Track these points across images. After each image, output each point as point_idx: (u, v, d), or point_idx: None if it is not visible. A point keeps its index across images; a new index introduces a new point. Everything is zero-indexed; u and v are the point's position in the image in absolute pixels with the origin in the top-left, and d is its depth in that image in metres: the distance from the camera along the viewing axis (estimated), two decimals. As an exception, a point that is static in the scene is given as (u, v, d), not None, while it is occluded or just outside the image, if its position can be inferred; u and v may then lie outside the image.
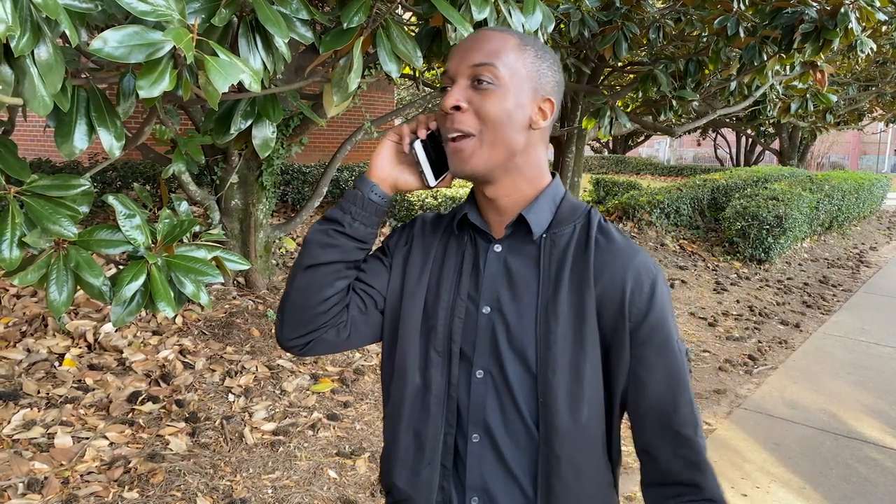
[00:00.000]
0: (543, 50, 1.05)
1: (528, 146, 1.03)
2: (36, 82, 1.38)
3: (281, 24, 1.57)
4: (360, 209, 1.09)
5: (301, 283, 1.10)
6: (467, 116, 1.00)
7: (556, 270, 1.03)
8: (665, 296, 1.03)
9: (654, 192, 9.08)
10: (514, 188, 1.05)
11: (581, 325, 1.00)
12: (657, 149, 30.62)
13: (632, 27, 4.59)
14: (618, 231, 1.07)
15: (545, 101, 1.03)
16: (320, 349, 1.15)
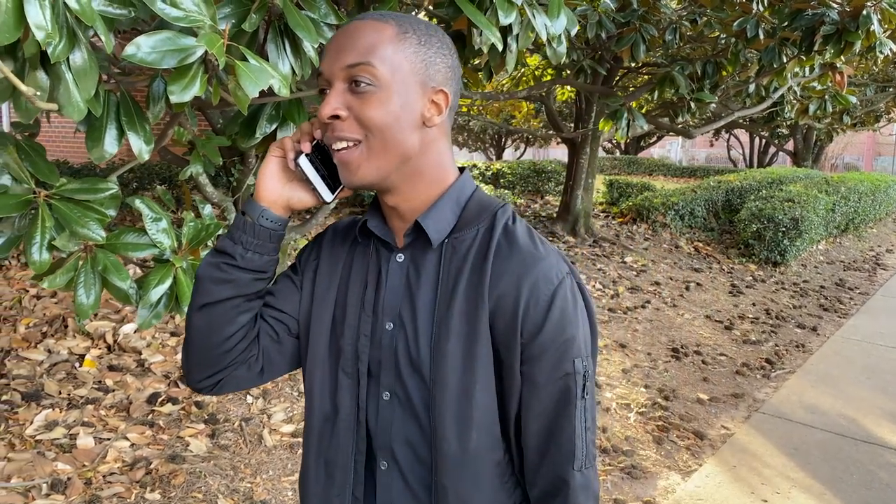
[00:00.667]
0: (428, 33, 0.93)
1: (425, 145, 0.93)
2: (71, 88, 1.39)
3: (310, 29, 1.58)
4: (251, 237, 0.98)
5: (198, 323, 1.00)
6: (348, 124, 0.89)
7: (454, 280, 0.93)
8: (569, 309, 0.91)
9: (669, 194, 9.04)
10: (415, 192, 0.96)
11: (473, 341, 0.91)
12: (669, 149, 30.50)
13: (649, 29, 4.57)
14: (528, 233, 0.96)
15: (437, 92, 0.92)
16: (233, 387, 1.06)
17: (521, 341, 0.90)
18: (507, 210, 0.98)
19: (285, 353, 1.07)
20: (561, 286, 0.91)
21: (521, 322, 0.89)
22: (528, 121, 12.75)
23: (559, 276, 0.91)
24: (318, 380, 1.02)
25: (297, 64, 1.68)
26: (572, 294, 0.92)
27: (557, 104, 13.06)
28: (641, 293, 6.23)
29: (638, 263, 7.15)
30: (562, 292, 0.90)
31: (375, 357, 0.98)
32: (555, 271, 0.91)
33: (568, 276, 0.92)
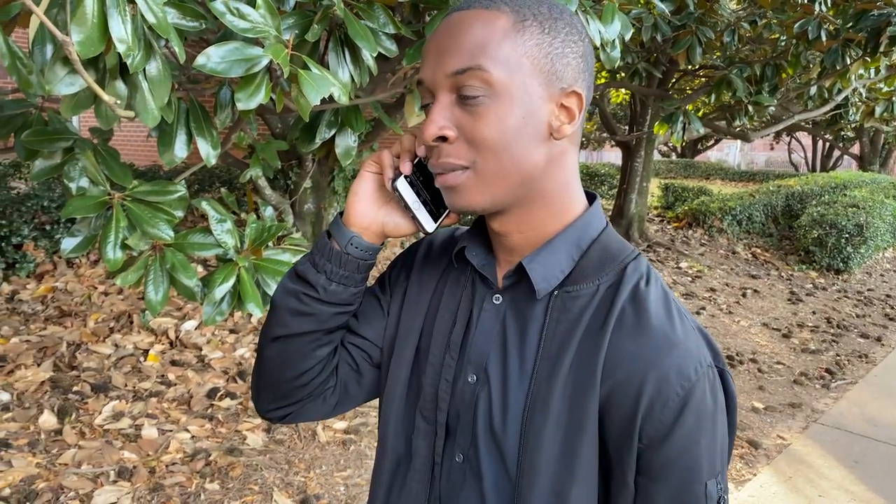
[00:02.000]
0: (553, 17, 0.73)
1: (551, 162, 0.75)
2: (146, 96, 1.48)
3: (370, 39, 1.63)
4: (337, 267, 0.83)
5: (271, 354, 0.89)
6: (457, 147, 0.73)
7: (559, 348, 0.74)
8: (707, 415, 0.71)
9: (726, 198, 8.85)
10: (531, 222, 0.77)
11: (576, 433, 0.72)
12: (727, 153, 29.78)
13: (706, 31, 4.51)
14: (664, 302, 0.74)
15: (569, 94, 0.73)
16: (303, 418, 0.95)
17: (640, 446, 0.71)
18: (640, 264, 0.77)
19: (364, 384, 0.94)
20: (699, 384, 0.70)
21: (640, 423, 0.70)
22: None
23: (699, 370, 0.70)
24: (394, 418, 0.87)
25: (356, 72, 1.74)
26: (712, 393, 0.71)
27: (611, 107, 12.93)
28: (696, 299, 6.13)
29: (693, 269, 7.03)
30: (699, 392, 0.70)
31: (455, 409, 0.81)
32: (693, 363, 0.70)
33: (711, 369, 0.72)
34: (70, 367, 3.37)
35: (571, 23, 0.75)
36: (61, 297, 3.99)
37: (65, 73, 1.41)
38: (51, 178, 1.93)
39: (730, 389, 0.76)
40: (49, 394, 3.12)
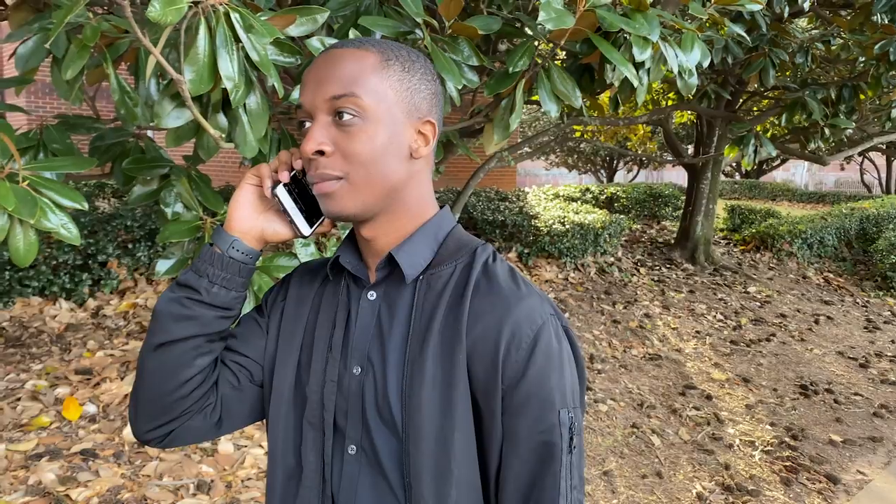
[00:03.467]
0: (411, 59, 0.88)
1: (411, 178, 0.88)
2: (246, 128, 1.55)
3: (455, 72, 1.68)
4: (219, 270, 0.89)
5: (152, 364, 0.90)
6: (333, 160, 0.84)
7: (428, 320, 0.85)
8: (554, 353, 0.82)
9: (795, 221, 8.59)
10: (394, 226, 0.89)
11: (449, 387, 0.82)
12: (793, 173, 28.87)
13: (779, 53, 4.42)
14: (510, 273, 0.88)
15: (424, 123, 0.88)
16: (185, 438, 0.95)
17: (503, 387, 0.81)
18: (487, 248, 0.92)
19: (247, 401, 0.98)
20: (545, 327, 0.82)
21: (501, 366, 0.81)
22: (644, 144, 12.51)
23: (542, 317, 0.83)
24: (282, 432, 0.92)
25: (439, 102, 1.79)
26: (557, 337, 0.84)
27: (675, 126, 12.74)
28: (766, 325, 5.95)
29: (762, 294, 6.83)
30: (546, 334, 0.82)
31: (342, 406, 0.88)
32: (538, 311, 0.83)
33: (552, 317, 0.85)
34: (150, 381, 3.51)
35: (426, 65, 0.90)
36: (142, 313, 4.16)
37: (172, 108, 1.50)
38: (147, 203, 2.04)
39: (574, 343, 0.88)
40: (131, 406, 3.26)
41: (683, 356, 5.09)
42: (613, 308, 5.88)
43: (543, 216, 6.76)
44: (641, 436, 3.77)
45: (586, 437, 3.67)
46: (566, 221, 6.59)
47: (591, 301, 5.95)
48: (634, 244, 8.17)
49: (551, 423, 0.81)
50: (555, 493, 0.82)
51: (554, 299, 5.81)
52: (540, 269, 6.30)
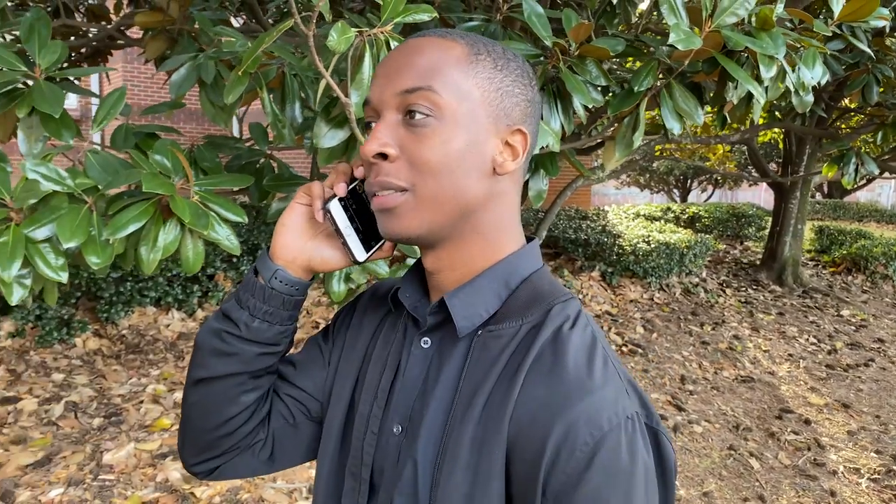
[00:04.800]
0: (506, 57, 0.73)
1: (491, 199, 0.72)
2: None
3: (584, 92, 1.75)
4: (260, 302, 0.78)
5: (193, 398, 0.83)
6: (398, 167, 0.69)
7: (474, 389, 0.68)
8: (620, 471, 0.62)
9: (890, 243, 8.24)
10: (462, 258, 0.73)
11: (481, 481, 0.65)
12: (879, 193, 27.59)
13: (883, 69, 4.31)
14: (588, 348, 0.67)
15: (515, 132, 0.72)
16: (234, 474, 0.88)
17: (543, 499, 0.63)
18: (568, 307, 0.72)
19: (303, 438, 0.88)
20: (612, 435, 0.62)
21: (544, 475, 0.62)
22: (724, 162, 12.25)
23: (613, 420, 0.63)
24: (325, 476, 0.81)
25: (565, 121, 1.86)
26: (630, 448, 0.63)
27: (758, 144, 12.42)
28: (863, 350, 5.73)
29: (856, 318, 6.58)
30: (611, 443, 0.62)
31: (380, 464, 0.75)
32: (608, 412, 0.63)
33: (631, 421, 0.64)
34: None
35: (523, 67, 0.74)
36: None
37: (328, 129, 1.62)
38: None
39: (665, 453, 0.67)
40: (242, 412, 3.43)
41: (777, 379, 4.96)
42: (701, 329, 5.78)
43: (627, 235, 6.72)
44: (739, 458, 3.70)
45: (682, 457, 3.63)
46: (651, 241, 6.53)
47: (678, 322, 5.87)
48: (718, 265, 8.01)
49: None
50: None
51: (640, 319, 5.77)
52: (624, 288, 6.27)
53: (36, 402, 3.27)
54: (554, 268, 6.43)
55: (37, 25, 1.72)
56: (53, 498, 2.57)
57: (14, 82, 1.64)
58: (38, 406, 3.25)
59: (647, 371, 4.79)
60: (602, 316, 5.74)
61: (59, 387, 3.46)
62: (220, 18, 2.73)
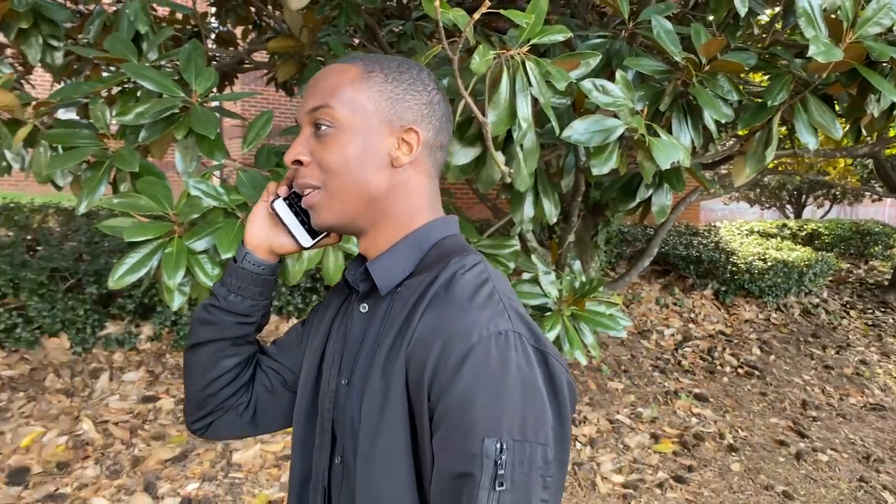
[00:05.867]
0: (399, 71, 0.88)
1: (393, 187, 0.87)
2: (521, 164, 1.70)
3: (717, 107, 1.73)
4: (235, 280, 0.97)
5: (187, 362, 1.01)
6: (311, 170, 0.86)
7: (388, 329, 0.83)
8: (488, 374, 0.72)
9: None
10: (382, 237, 0.88)
11: (385, 401, 0.78)
12: None
13: None
14: (478, 285, 0.81)
15: (407, 131, 0.86)
16: (223, 433, 1.04)
17: (429, 406, 0.75)
18: (467, 259, 0.85)
19: (280, 405, 1.04)
20: (482, 344, 0.73)
21: (428, 382, 0.74)
22: (846, 176, 11.53)
23: (483, 333, 0.74)
24: (300, 438, 0.95)
25: (695, 136, 1.84)
26: (501, 357, 0.73)
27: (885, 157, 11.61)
28: None
29: None
30: (480, 352, 0.73)
31: (338, 417, 0.88)
32: (480, 327, 0.74)
33: (503, 336, 0.75)
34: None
35: (418, 77, 0.89)
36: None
37: (461, 147, 1.68)
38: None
39: (554, 371, 0.77)
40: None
41: (912, 409, 4.61)
42: (824, 353, 5.46)
43: (741, 252, 6.46)
44: (871, 491, 3.47)
45: (806, 485, 3.45)
46: (767, 258, 6.25)
47: (797, 344, 5.58)
48: (841, 284, 7.54)
49: (471, 452, 0.71)
50: None
51: (756, 340, 5.52)
52: (738, 308, 6.02)
53: (172, 401, 3.52)
54: (663, 285, 6.27)
55: (193, 55, 1.88)
56: (190, 491, 2.75)
57: (174, 107, 1.80)
58: (174, 405, 3.49)
59: (764, 395, 4.58)
60: (715, 336, 5.53)
61: (191, 388, 3.71)
62: (346, 43, 2.88)
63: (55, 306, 3.72)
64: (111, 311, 3.96)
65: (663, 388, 4.47)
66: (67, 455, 2.98)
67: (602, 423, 3.82)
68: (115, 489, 2.75)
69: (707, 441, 3.79)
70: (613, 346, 5.08)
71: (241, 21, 3.80)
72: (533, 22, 1.44)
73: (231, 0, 3.74)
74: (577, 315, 2.18)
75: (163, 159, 2.04)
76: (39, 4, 2.31)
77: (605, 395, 4.20)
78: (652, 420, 3.96)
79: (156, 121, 1.83)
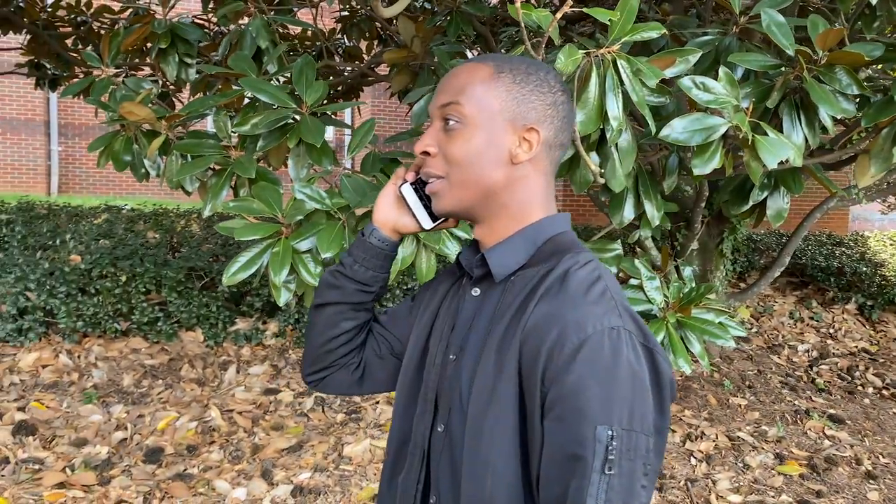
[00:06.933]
0: (527, 72, 0.93)
1: (512, 182, 0.93)
2: (616, 165, 1.66)
3: (832, 102, 1.61)
4: (360, 252, 1.07)
5: (311, 320, 1.13)
6: (436, 161, 0.94)
7: (502, 315, 0.90)
8: (602, 365, 0.78)
9: None
10: (498, 227, 0.95)
11: (498, 379, 0.85)
12: None
13: None
14: (591, 281, 0.86)
15: (529, 130, 0.92)
16: (334, 387, 1.15)
17: (542, 389, 0.82)
18: (580, 256, 0.91)
19: (386, 369, 1.13)
20: (595, 337, 0.80)
21: (542, 368, 0.81)
22: None
23: (597, 327, 0.80)
24: (402, 404, 1.04)
25: (810, 134, 1.73)
26: (613, 351, 0.80)
27: None
28: None
29: None
30: (595, 344, 0.80)
31: (441, 388, 0.96)
32: (594, 321, 0.81)
33: (615, 331, 0.81)
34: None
35: (545, 78, 0.95)
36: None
37: (553, 148, 1.67)
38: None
39: (661, 367, 0.84)
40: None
41: None
42: None
43: (892, 263, 5.91)
44: None
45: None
46: None
47: (956, 366, 5.02)
48: None
49: (583, 436, 0.78)
50: None
51: (905, 360, 5.03)
52: (888, 324, 5.51)
53: (292, 394, 3.73)
54: (799, 298, 5.85)
55: (305, 69, 1.99)
56: (303, 480, 2.90)
57: (287, 118, 1.92)
58: (293, 398, 3.70)
59: (913, 420, 4.16)
60: (857, 354, 5.09)
61: (310, 383, 3.91)
62: (457, 52, 2.94)
63: (192, 302, 4.05)
64: (241, 309, 4.26)
65: (793, 407, 4.17)
66: (196, 439, 3.23)
67: (721, 440, 3.63)
68: (236, 473, 2.95)
69: (841, 466, 3.49)
70: (739, 360, 4.81)
71: (364, 36, 3.97)
72: (623, 19, 1.41)
73: (355, 16, 3.93)
74: (683, 322, 2.10)
75: (280, 168, 2.18)
76: (176, 26, 2.55)
77: (727, 410, 3.98)
78: (778, 440, 3.71)
79: (271, 130, 1.97)
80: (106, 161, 2.25)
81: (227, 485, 2.84)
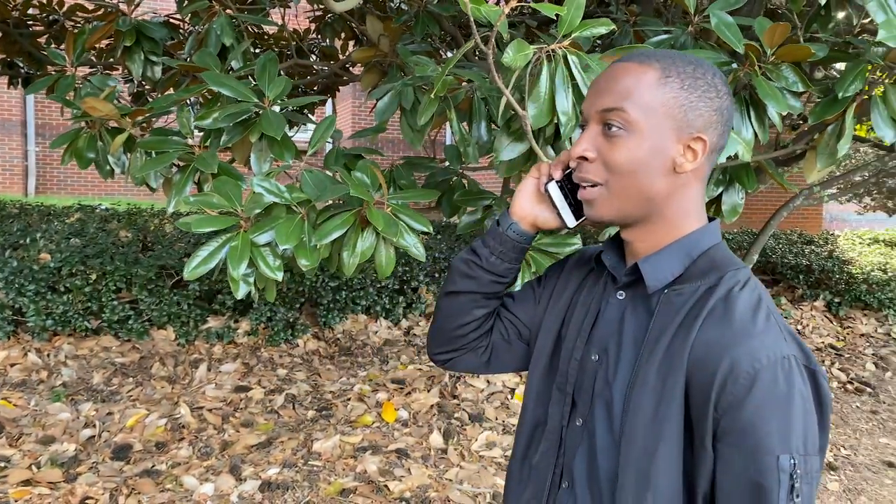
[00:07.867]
0: (695, 76, 0.89)
1: (673, 191, 0.90)
2: (570, 160, 1.69)
3: (779, 99, 1.66)
4: (497, 244, 1.07)
5: (442, 305, 1.15)
6: (594, 166, 0.91)
7: (659, 333, 0.88)
8: (778, 395, 0.79)
9: None
10: (651, 235, 0.93)
11: (664, 400, 0.85)
12: None
13: None
14: (754, 305, 0.85)
15: (695, 139, 0.88)
16: (461, 367, 1.18)
17: (715, 415, 0.81)
18: (740, 273, 0.89)
19: (513, 353, 1.16)
20: (769, 368, 0.80)
21: (714, 395, 0.81)
22: None
23: (771, 357, 0.80)
24: (535, 388, 1.06)
25: (760, 130, 1.77)
26: (787, 379, 0.80)
27: None
28: None
29: None
30: (769, 374, 0.79)
31: (580, 383, 0.98)
32: (767, 351, 0.80)
33: (787, 360, 0.81)
34: (452, 396, 3.86)
35: (712, 82, 0.90)
36: (443, 336, 4.61)
37: (508, 142, 1.70)
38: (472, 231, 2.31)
39: (822, 388, 0.84)
40: (436, 416, 3.61)
41: None
42: (951, 371, 4.99)
43: (859, 262, 6.02)
44: None
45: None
46: (888, 268, 5.79)
47: (920, 360, 5.13)
48: (979, 299, 6.85)
49: (766, 466, 0.79)
50: None
51: (871, 356, 5.13)
52: (854, 321, 5.61)
53: (263, 392, 3.73)
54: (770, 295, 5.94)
55: (268, 65, 2.01)
56: (271, 476, 2.91)
57: (248, 111, 1.93)
58: (264, 396, 3.70)
59: (875, 413, 4.25)
60: (824, 349, 5.19)
61: (281, 381, 3.92)
62: (425, 51, 2.96)
63: (163, 301, 4.04)
64: (213, 307, 4.25)
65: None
66: (166, 436, 3.23)
67: (688, 434, 3.69)
68: (204, 469, 2.95)
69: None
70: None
71: (339, 35, 3.98)
72: (571, 16, 1.44)
73: (327, 16, 3.94)
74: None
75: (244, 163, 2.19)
76: (141, 24, 2.55)
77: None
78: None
79: (234, 125, 1.98)
80: (70, 158, 2.25)
81: (196, 480, 2.84)
